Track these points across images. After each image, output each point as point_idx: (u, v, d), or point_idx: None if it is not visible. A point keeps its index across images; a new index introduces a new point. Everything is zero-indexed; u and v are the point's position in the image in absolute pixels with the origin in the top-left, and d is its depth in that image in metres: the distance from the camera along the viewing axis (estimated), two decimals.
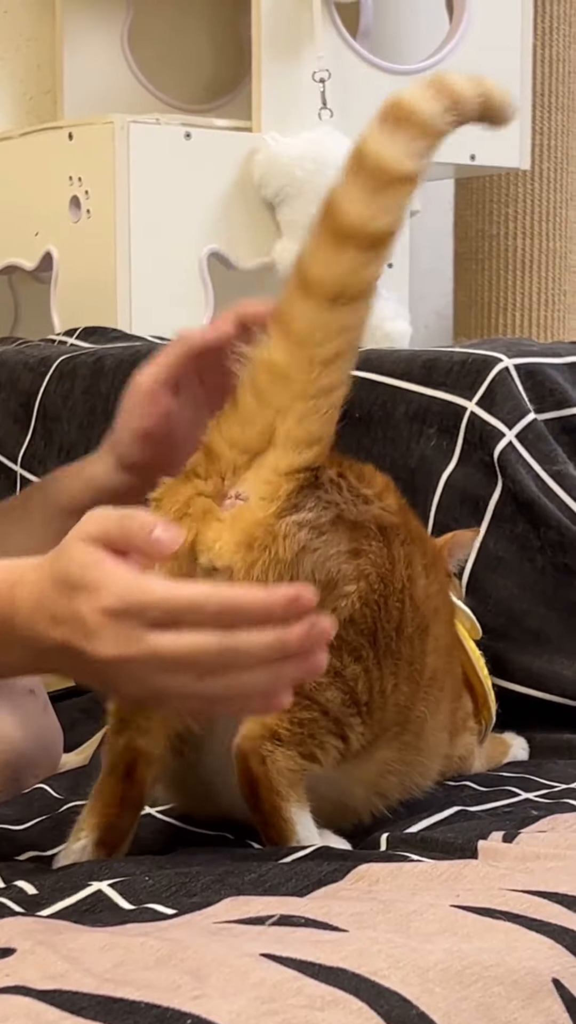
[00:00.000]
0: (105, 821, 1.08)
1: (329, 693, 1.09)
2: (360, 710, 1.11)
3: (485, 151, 2.79)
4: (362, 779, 1.17)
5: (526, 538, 1.55)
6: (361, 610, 1.10)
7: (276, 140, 2.50)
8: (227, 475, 1.09)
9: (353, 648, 1.10)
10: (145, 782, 1.09)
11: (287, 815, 1.08)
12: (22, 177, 2.62)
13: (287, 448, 1.08)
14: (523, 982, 0.81)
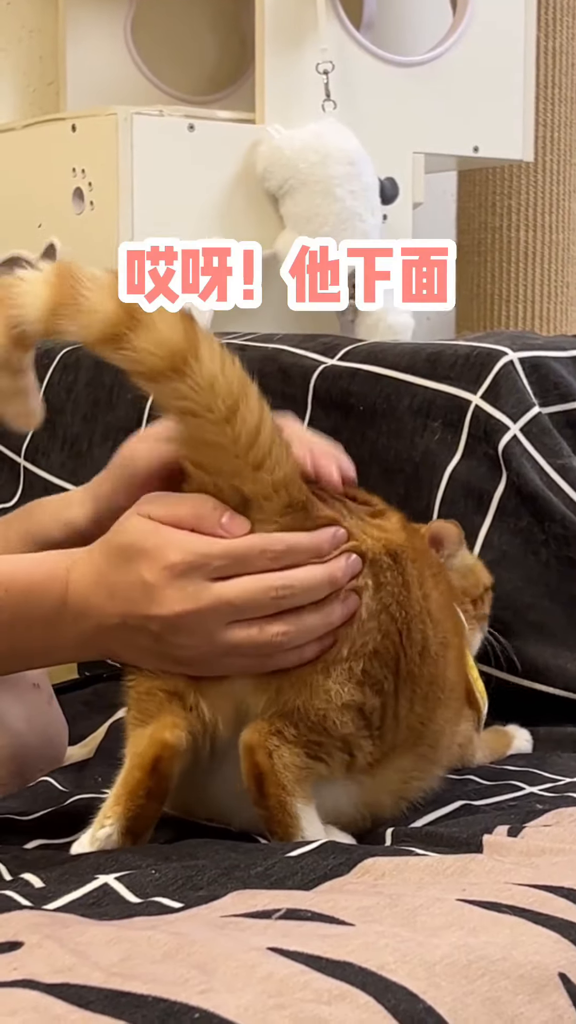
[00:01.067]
0: (131, 812, 1.08)
1: (344, 718, 1.09)
2: (372, 734, 1.12)
3: (488, 143, 2.79)
4: (388, 788, 1.18)
5: (530, 532, 1.55)
6: (383, 642, 1.10)
7: (279, 132, 2.50)
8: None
9: (375, 681, 1.10)
10: (170, 776, 1.09)
11: (293, 811, 1.09)
12: (25, 169, 2.62)
13: (262, 500, 1.08)
14: (530, 976, 0.81)
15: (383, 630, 1.10)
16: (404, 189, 2.69)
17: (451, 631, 1.23)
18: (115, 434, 1.98)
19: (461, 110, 2.76)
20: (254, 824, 1.12)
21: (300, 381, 1.76)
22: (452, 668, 1.23)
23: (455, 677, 1.25)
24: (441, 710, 1.20)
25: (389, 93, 2.65)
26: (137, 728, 1.10)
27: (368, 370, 1.70)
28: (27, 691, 1.36)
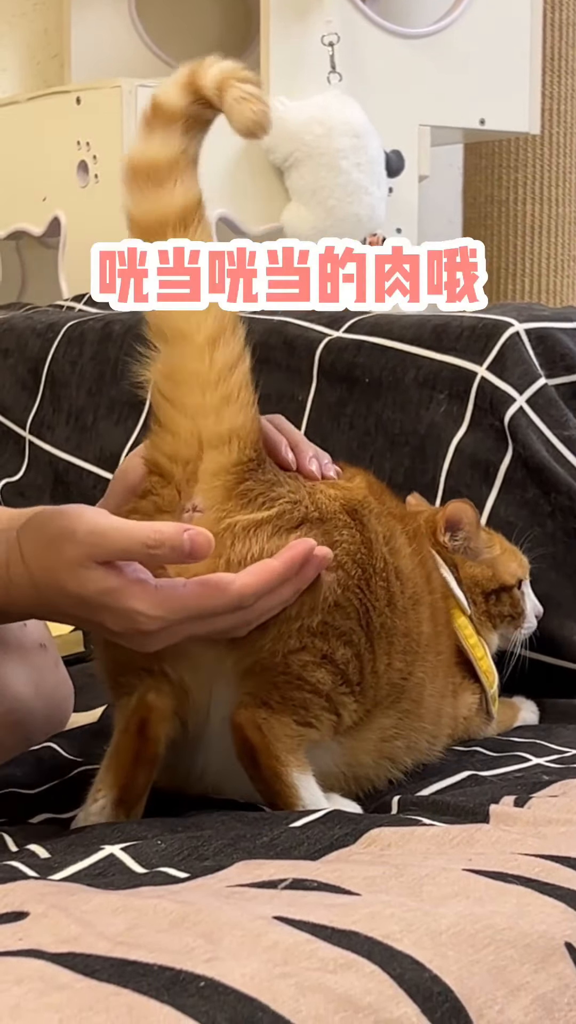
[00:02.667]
0: (122, 780, 1.09)
1: (319, 674, 1.09)
2: (353, 689, 1.11)
3: (495, 115, 2.78)
4: (366, 748, 1.18)
5: (536, 503, 1.55)
6: (344, 595, 1.10)
7: (284, 104, 2.49)
8: (181, 487, 1.10)
9: (341, 632, 1.10)
10: (159, 739, 1.09)
11: (289, 780, 1.08)
12: (30, 142, 2.61)
13: (215, 449, 1.09)
14: (536, 945, 0.80)
15: (341, 584, 1.10)
16: (410, 162, 2.68)
17: (425, 589, 1.22)
18: (120, 408, 1.98)
19: (467, 82, 2.75)
20: (251, 794, 1.12)
21: (305, 353, 1.75)
22: (427, 623, 1.21)
23: (432, 631, 1.23)
24: (420, 663, 1.19)
25: (395, 65, 2.64)
26: (122, 698, 1.10)
27: (374, 342, 1.70)
28: (34, 653, 1.36)
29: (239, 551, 1.07)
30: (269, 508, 1.08)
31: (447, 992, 0.75)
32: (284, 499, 1.09)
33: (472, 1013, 0.75)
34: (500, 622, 1.39)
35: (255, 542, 1.07)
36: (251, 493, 1.09)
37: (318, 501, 1.11)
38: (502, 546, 1.41)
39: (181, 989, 0.70)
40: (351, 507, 1.14)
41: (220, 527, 1.07)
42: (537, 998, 0.78)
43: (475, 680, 1.36)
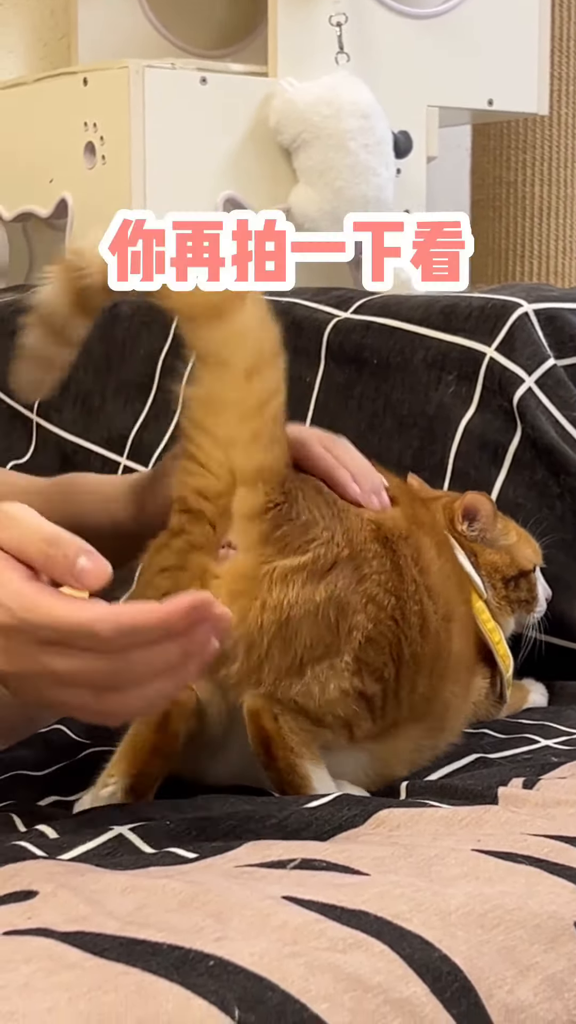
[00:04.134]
0: (136, 770, 1.08)
1: (345, 708, 1.09)
2: (374, 715, 1.11)
3: (503, 96, 2.77)
4: (400, 757, 1.18)
5: (545, 485, 1.54)
6: (377, 629, 1.10)
7: (292, 85, 2.48)
8: (215, 523, 1.09)
9: (374, 669, 1.10)
10: (178, 734, 1.08)
11: (303, 771, 1.08)
12: (36, 123, 2.60)
13: (246, 487, 1.08)
14: (545, 926, 0.81)
15: (372, 619, 1.09)
16: (418, 143, 2.67)
17: (455, 599, 1.22)
18: (127, 390, 1.98)
19: (475, 63, 2.74)
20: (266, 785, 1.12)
21: (313, 335, 1.75)
22: (457, 638, 1.22)
23: (461, 646, 1.24)
24: (448, 684, 1.19)
25: (403, 45, 2.63)
26: None
27: (382, 323, 1.69)
28: None
29: (276, 596, 1.07)
30: (304, 553, 1.08)
31: (456, 972, 0.75)
32: (318, 541, 1.09)
33: (482, 993, 0.75)
34: (517, 607, 1.39)
35: (291, 588, 1.07)
36: (287, 538, 1.08)
37: (349, 533, 1.11)
38: (517, 532, 1.42)
39: (190, 968, 0.70)
40: (380, 532, 1.13)
41: (260, 572, 1.07)
42: (547, 978, 0.78)
43: (487, 663, 1.36)
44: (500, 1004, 0.75)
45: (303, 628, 1.06)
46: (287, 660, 1.06)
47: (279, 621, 1.06)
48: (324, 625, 1.07)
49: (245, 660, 1.06)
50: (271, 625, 1.06)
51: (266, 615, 1.06)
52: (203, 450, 1.09)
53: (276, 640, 1.06)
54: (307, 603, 1.07)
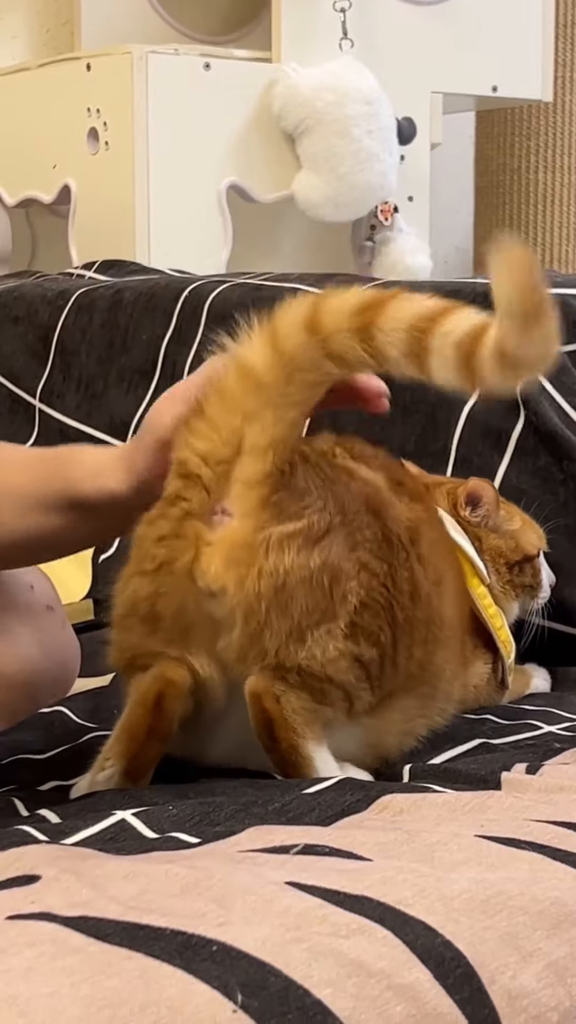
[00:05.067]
0: (132, 752, 1.08)
1: (344, 674, 1.09)
2: (372, 684, 1.11)
3: (507, 83, 2.77)
4: (390, 730, 1.18)
5: (548, 471, 1.54)
6: (370, 595, 1.10)
7: (296, 71, 2.48)
8: (211, 488, 1.09)
9: (370, 633, 1.10)
10: (173, 715, 1.08)
11: (305, 752, 1.08)
12: (39, 109, 2.60)
13: (252, 456, 1.08)
14: (548, 912, 0.80)
15: (365, 585, 1.09)
16: (422, 129, 2.67)
17: (444, 566, 1.22)
18: (130, 376, 1.98)
19: (479, 49, 2.74)
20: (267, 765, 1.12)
21: None
22: (448, 605, 1.22)
23: (452, 612, 1.24)
24: (440, 651, 1.19)
25: (407, 32, 2.63)
26: (137, 674, 1.10)
27: None
28: (41, 614, 1.36)
29: (271, 563, 1.06)
30: (299, 519, 1.08)
31: (459, 957, 0.75)
32: (312, 508, 1.09)
33: (484, 979, 0.75)
34: (521, 592, 1.39)
35: (287, 554, 1.07)
36: (283, 503, 1.08)
37: (340, 500, 1.11)
38: (522, 518, 1.42)
39: (193, 953, 0.70)
40: (371, 500, 1.13)
41: (257, 538, 1.07)
42: (549, 964, 0.78)
43: (488, 649, 1.36)
44: (503, 990, 0.75)
45: (299, 593, 1.06)
46: (286, 625, 1.06)
47: (276, 587, 1.06)
48: (319, 591, 1.07)
49: (244, 628, 1.06)
50: (268, 591, 1.06)
51: (263, 581, 1.06)
52: (219, 413, 1.09)
53: (274, 606, 1.06)
54: (302, 569, 1.06)
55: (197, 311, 1.91)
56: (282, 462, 1.08)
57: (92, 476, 1.25)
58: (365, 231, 2.62)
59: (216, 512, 1.08)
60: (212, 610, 1.07)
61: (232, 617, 1.06)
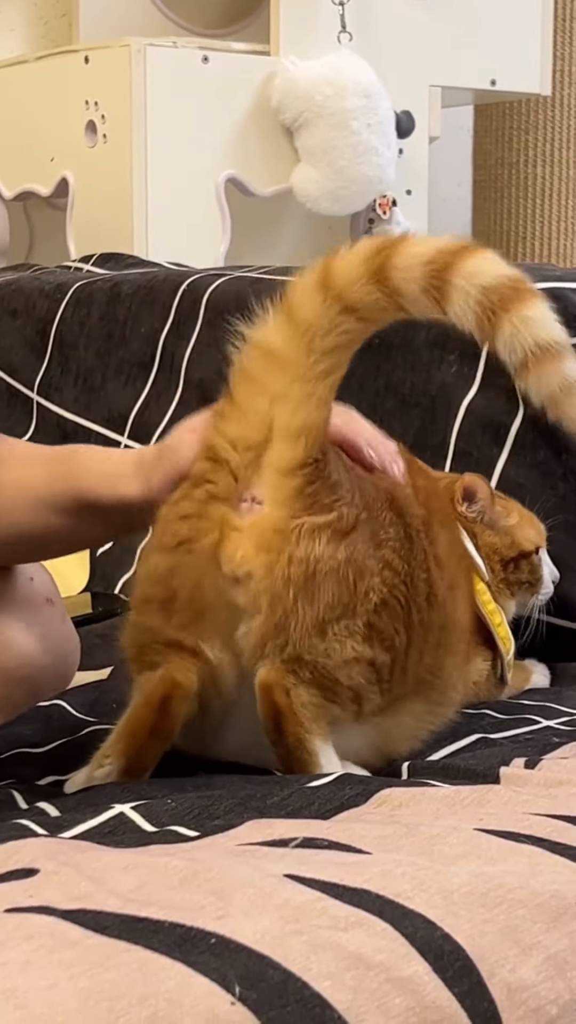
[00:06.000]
0: (133, 751, 1.08)
1: (357, 677, 1.09)
2: (382, 687, 1.11)
3: (505, 76, 2.77)
4: (403, 733, 1.18)
5: (547, 465, 1.54)
6: (391, 594, 1.10)
7: (294, 64, 2.47)
8: (239, 474, 1.08)
9: (385, 637, 1.10)
10: (178, 717, 1.08)
11: (311, 747, 1.08)
12: (37, 102, 2.60)
13: (285, 442, 1.08)
14: (547, 905, 0.80)
15: (387, 584, 1.09)
16: (420, 123, 2.67)
17: (458, 570, 1.22)
18: (128, 369, 1.97)
19: (478, 43, 2.74)
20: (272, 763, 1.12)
21: None
22: (460, 609, 1.22)
23: (464, 618, 1.24)
24: (451, 657, 1.20)
25: (406, 25, 2.63)
26: (145, 671, 1.10)
27: None
28: (41, 607, 1.36)
29: (303, 550, 1.06)
30: (330, 511, 1.08)
31: (458, 951, 0.75)
32: (343, 501, 1.09)
33: (483, 972, 0.74)
34: (519, 589, 1.39)
35: (318, 544, 1.07)
36: (317, 495, 1.08)
37: (367, 497, 1.11)
38: (520, 514, 1.41)
39: (192, 946, 0.69)
40: (394, 500, 1.13)
41: (289, 525, 1.07)
42: (549, 957, 0.78)
43: (488, 645, 1.36)
44: (502, 983, 0.75)
45: (326, 585, 1.06)
46: (311, 616, 1.06)
47: (306, 575, 1.06)
48: (344, 585, 1.07)
49: (268, 616, 1.06)
50: (299, 578, 1.06)
51: (293, 568, 1.06)
52: (248, 398, 1.09)
53: (302, 594, 1.06)
54: (331, 560, 1.07)
55: (195, 304, 1.91)
56: (315, 449, 1.08)
57: (108, 480, 1.25)
58: (363, 224, 2.62)
59: (245, 499, 1.08)
60: (235, 596, 1.07)
61: (256, 604, 1.06)
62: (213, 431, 1.10)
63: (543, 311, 1.03)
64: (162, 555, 1.09)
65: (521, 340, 1.01)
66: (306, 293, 1.06)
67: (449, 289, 1.01)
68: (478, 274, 1.01)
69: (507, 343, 1.01)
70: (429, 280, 1.02)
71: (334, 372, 1.08)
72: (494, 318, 1.01)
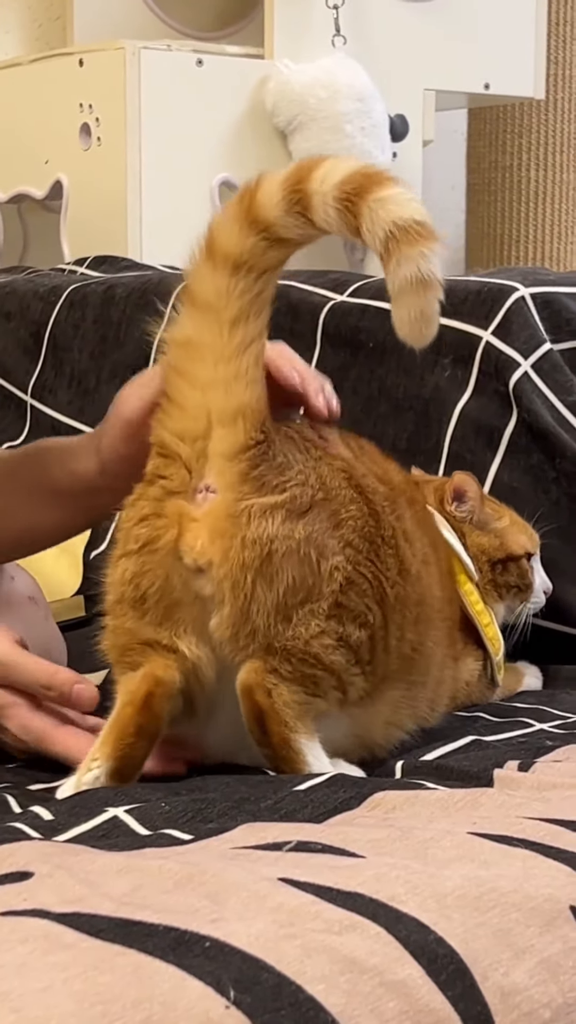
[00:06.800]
0: (120, 752, 1.08)
1: (334, 656, 1.09)
2: (363, 668, 1.11)
3: (499, 80, 2.77)
4: (376, 721, 1.18)
5: (541, 469, 1.54)
6: (357, 571, 1.10)
7: (289, 67, 2.48)
8: (191, 466, 1.09)
9: (357, 614, 1.10)
10: (162, 715, 1.08)
11: (297, 746, 1.08)
12: (32, 104, 2.60)
13: (224, 427, 1.08)
14: (541, 909, 0.80)
15: (352, 562, 1.09)
16: (414, 126, 2.67)
17: (431, 548, 1.22)
18: (123, 371, 1.97)
19: (472, 46, 2.74)
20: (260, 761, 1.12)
21: (309, 317, 1.74)
22: (437, 585, 1.22)
23: (442, 595, 1.24)
24: (432, 631, 1.19)
25: (400, 29, 2.63)
26: (127, 672, 1.10)
27: (378, 306, 1.69)
28: (23, 605, 1.36)
29: (254, 530, 1.06)
30: (281, 492, 1.08)
31: (452, 954, 0.75)
32: (294, 482, 1.09)
33: (477, 975, 0.75)
34: (507, 592, 1.39)
35: (270, 524, 1.07)
36: (264, 478, 1.08)
37: (323, 477, 1.11)
38: (512, 518, 1.41)
39: (186, 949, 0.70)
40: (354, 478, 1.13)
41: (238, 508, 1.07)
42: (542, 961, 0.78)
43: (478, 646, 1.36)
44: (495, 987, 0.75)
45: (285, 566, 1.06)
46: (272, 599, 1.06)
47: (261, 556, 1.06)
48: (306, 564, 1.07)
49: (232, 603, 1.06)
50: (253, 560, 1.06)
51: (247, 552, 1.06)
52: (181, 392, 1.10)
53: (260, 577, 1.06)
54: (287, 539, 1.07)
55: None
56: (255, 430, 1.08)
57: (60, 462, 1.27)
58: None
59: (200, 490, 1.08)
60: (201, 587, 1.07)
61: (221, 592, 1.06)
62: (159, 427, 1.11)
63: (400, 191, 1.02)
64: (127, 560, 1.10)
65: (380, 221, 1.00)
66: (197, 271, 1.09)
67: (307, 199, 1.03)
68: (333, 172, 1.02)
69: (368, 228, 1.01)
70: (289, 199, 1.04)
71: (252, 344, 1.08)
72: (353, 207, 1.01)
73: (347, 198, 1.01)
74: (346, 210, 1.01)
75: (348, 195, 1.01)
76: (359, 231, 1.01)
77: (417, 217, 1.00)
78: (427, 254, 1.00)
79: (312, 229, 1.05)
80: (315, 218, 1.03)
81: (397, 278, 1.00)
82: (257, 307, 1.08)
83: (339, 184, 1.01)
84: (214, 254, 1.07)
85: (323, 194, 1.02)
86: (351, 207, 1.01)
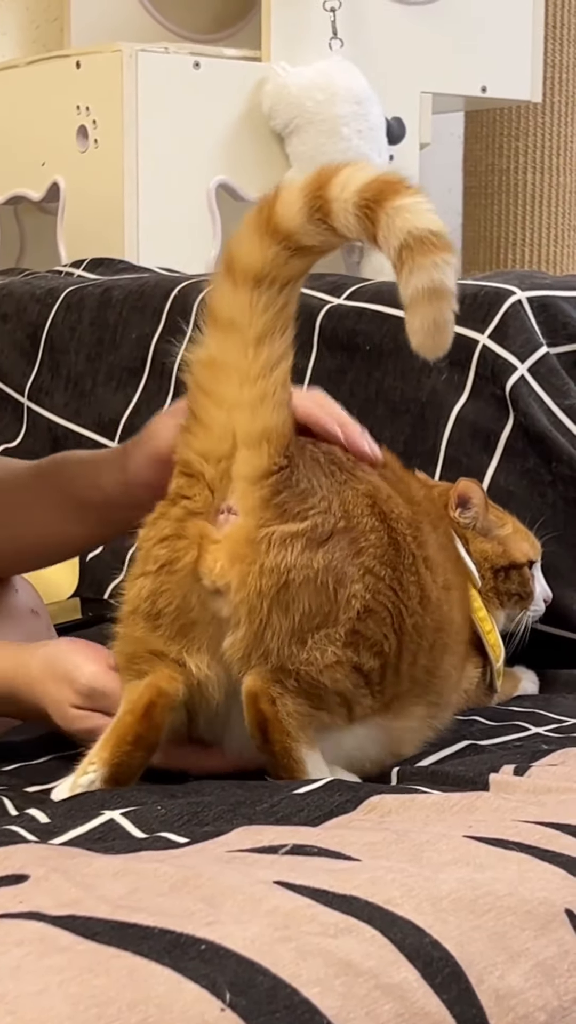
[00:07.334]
0: (117, 759, 1.08)
1: (344, 682, 1.09)
2: (372, 690, 1.11)
3: (496, 83, 2.77)
4: (413, 738, 1.19)
5: (537, 472, 1.54)
6: (376, 600, 1.10)
7: (286, 70, 2.48)
8: (214, 487, 1.09)
9: (373, 643, 1.10)
10: (162, 725, 1.08)
11: (298, 755, 1.08)
12: (29, 106, 2.60)
13: (249, 449, 1.08)
14: (536, 912, 0.80)
15: (371, 590, 1.09)
16: (411, 129, 2.67)
17: (452, 571, 1.22)
18: (119, 374, 1.97)
19: (469, 50, 2.74)
20: None
21: (306, 320, 1.74)
22: (456, 609, 1.22)
23: (460, 619, 1.24)
24: (448, 656, 1.20)
25: (397, 32, 2.63)
26: (132, 680, 1.10)
27: (375, 309, 1.69)
28: (26, 618, 1.36)
29: (273, 559, 1.06)
30: (302, 520, 1.08)
31: (447, 957, 0.75)
32: (316, 510, 1.09)
33: (472, 978, 0.75)
34: (508, 600, 1.39)
35: (289, 553, 1.07)
36: (285, 504, 1.08)
37: (346, 504, 1.11)
38: (514, 526, 1.42)
39: (182, 952, 0.70)
40: (377, 505, 1.13)
41: (259, 535, 1.07)
42: (537, 964, 0.78)
43: (479, 652, 1.36)
44: (491, 989, 0.75)
45: (302, 594, 1.06)
46: (288, 625, 1.06)
47: (278, 585, 1.06)
48: (323, 593, 1.07)
49: (247, 626, 1.06)
50: (270, 588, 1.06)
51: (264, 579, 1.06)
52: (207, 412, 1.09)
53: (276, 605, 1.06)
54: (305, 568, 1.07)
55: (186, 310, 1.91)
56: (279, 455, 1.08)
57: (84, 474, 1.26)
58: None
59: (223, 511, 1.08)
60: (218, 608, 1.07)
61: (237, 615, 1.07)
62: (184, 447, 1.10)
63: (417, 201, 1.02)
64: (145, 579, 1.10)
65: (395, 230, 1.00)
66: (218, 290, 1.08)
67: (327, 206, 1.02)
68: (353, 179, 1.02)
69: (384, 236, 1.01)
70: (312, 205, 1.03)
71: (279, 363, 1.08)
72: (372, 214, 1.01)
73: (366, 205, 1.01)
74: (365, 217, 1.01)
75: (367, 202, 1.01)
76: (376, 238, 1.01)
77: (432, 227, 1.00)
78: (440, 264, 1.00)
79: (334, 236, 1.05)
80: (336, 224, 1.03)
81: (410, 287, 1.00)
82: (282, 323, 1.08)
83: (359, 191, 1.01)
84: (234, 271, 1.07)
85: (343, 200, 1.02)
86: (370, 214, 1.01)
